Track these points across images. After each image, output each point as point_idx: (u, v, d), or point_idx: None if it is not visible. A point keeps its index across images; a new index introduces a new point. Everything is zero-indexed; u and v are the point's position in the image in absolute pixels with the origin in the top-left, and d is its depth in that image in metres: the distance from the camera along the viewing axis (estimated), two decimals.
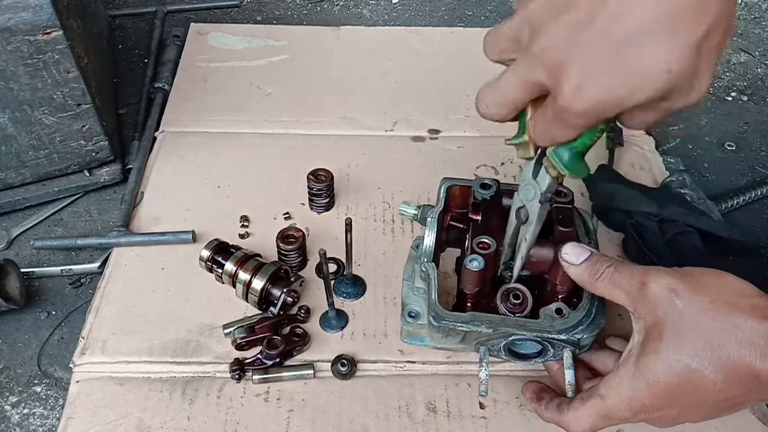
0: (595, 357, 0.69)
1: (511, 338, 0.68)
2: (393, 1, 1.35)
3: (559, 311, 0.68)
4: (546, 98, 0.52)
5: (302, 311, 0.79)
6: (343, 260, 0.83)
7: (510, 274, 0.70)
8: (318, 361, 0.76)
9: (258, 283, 0.77)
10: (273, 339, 0.75)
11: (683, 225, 0.85)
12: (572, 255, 0.64)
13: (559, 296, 0.70)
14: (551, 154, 0.57)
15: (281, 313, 0.78)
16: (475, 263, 0.68)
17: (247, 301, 0.79)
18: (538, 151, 0.60)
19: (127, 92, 1.13)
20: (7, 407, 0.76)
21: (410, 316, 0.73)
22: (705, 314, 0.55)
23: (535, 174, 0.62)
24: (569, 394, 0.66)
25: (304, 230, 0.85)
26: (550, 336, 0.67)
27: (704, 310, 0.55)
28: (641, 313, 0.58)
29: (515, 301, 0.70)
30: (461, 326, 0.68)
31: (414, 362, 0.77)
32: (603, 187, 0.91)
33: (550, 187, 0.61)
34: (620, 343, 0.69)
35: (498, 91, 0.54)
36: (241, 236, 0.89)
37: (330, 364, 0.76)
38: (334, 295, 0.80)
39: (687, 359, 0.54)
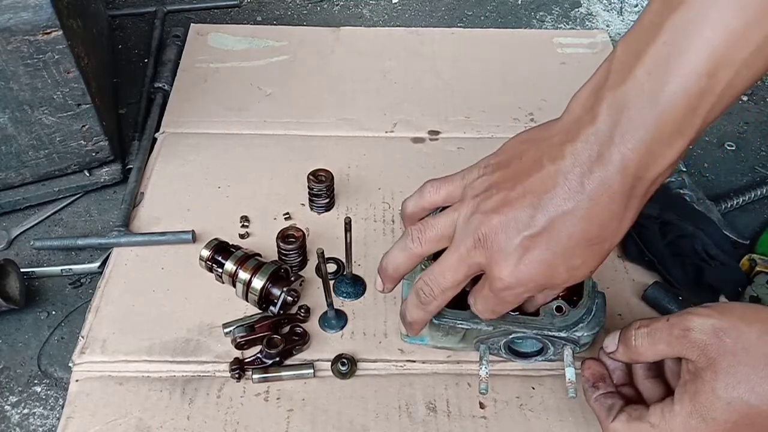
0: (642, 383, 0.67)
1: (511, 336, 0.68)
2: (393, 1, 1.35)
3: (559, 309, 0.68)
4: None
5: (302, 311, 0.79)
6: (343, 260, 0.83)
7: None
8: (318, 360, 0.76)
9: (258, 283, 0.77)
10: (273, 338, 0.75)
11: (684, 226, 0.85)
12: (610, 344, 0.64)
13: (560, 294, 0.70)
14: None
15: (281, 312, 0.78)
16: None
17: (247, 301, 0.79)
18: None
19: (127, 92, 1.13)
20: (7, 407, 0.76)
21: None
22: (756, 348, 0.55)
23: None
24: (570, 393, 0.66)
25: (305, 230, 0.85)
26: (550, 333, 0.67)
27: (754, 344, 0.55)
28: (692, 357, 0.58)
29: None
30: (461, 323, 0.68)
31: (414, 361, 0.77)
32: None
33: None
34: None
35: (443, 275, 0.61)
36: (241, 236, 0.89)
37: (330, 363, 0.76)
38: (333, 294, 0.80)
39: (745, 395, 0.54)
